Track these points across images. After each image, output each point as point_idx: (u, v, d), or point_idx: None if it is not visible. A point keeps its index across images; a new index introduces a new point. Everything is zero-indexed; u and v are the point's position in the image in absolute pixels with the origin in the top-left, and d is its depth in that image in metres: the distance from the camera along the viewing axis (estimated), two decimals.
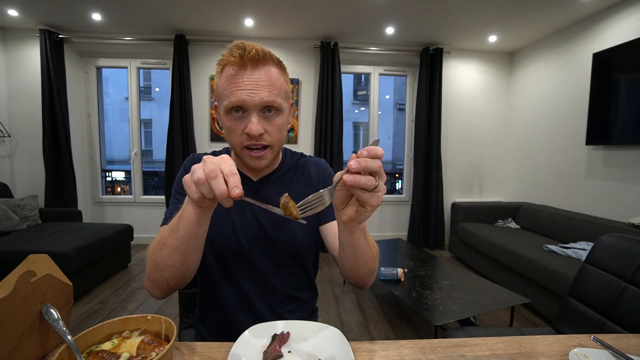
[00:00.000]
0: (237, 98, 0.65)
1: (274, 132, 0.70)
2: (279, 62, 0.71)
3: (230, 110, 0.67)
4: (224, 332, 0.79)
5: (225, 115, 0.69)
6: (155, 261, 0.64)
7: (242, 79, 0.65)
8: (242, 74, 0.65)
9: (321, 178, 0.85)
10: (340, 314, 2.22)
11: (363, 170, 0.45)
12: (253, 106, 0.66)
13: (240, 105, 0.66)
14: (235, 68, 0.66)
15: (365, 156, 0.45)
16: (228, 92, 0.66)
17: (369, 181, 0.45)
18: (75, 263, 2.22)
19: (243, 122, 0.68)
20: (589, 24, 2.83)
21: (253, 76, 0.65)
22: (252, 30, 3.32)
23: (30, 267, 0.49)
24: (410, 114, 3.97)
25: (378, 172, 0.46)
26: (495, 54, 3.81)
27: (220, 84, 0.69)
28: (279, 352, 0.53)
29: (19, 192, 3.31)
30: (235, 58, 0.65)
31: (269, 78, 0.67)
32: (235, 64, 0.65)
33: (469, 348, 0.58)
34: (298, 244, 0.79)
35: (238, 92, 0.65)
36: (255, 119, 0.66)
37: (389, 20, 3.10)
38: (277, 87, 0.68)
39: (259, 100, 0.65)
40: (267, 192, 0.79)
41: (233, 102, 0.65)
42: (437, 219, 3.70)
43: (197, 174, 0.48)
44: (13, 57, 3.31)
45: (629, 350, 0.58)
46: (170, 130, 3.46)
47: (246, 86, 0.65)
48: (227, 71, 0.67)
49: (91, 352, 0.49)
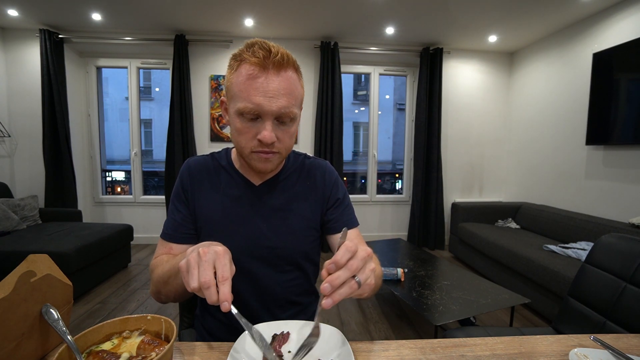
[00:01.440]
0: (255, 104, 0.62)
1: (286, 140, 0.68)
2: (298, 67, 0.68)
3: (242, 113, 0.64)
4: (224, 332, 0.78)
5: (236, 116, 0.65)
6: (157, 286, 0.67)
7: (263, 84, 0.62)
8: (264, 77, 0.62)
9: (327, 186, 0.82)
10: (340, 314, 2.22)
11: (337, 289, 0.45)
12: (269, 113, 0.63)
13: (257, 112, 0.63)
14: (255, 69, 0.62)
15: (333, 270, 0.46)
16: (245, 94, 0.62)
17: (350, 289, 0.46)
18: (75, 263, 2.22)
19: (255, 127, 0.65)
20: (589, 24, 2.83)
21: (274, 82, 0.62)
22: (252, 30, 3.32)
23: (30, 267, 0.49)
24: (410, 114, 3.97)
25: (354, 273, 0.46)
26: (495, 54, 3.81)
27: (235, 81, 0.64)
28: (279, 352, 0.53)
29: (19, 192, 3.31)
30: (258, 59, 0.61)
31: (288, 85, 0.64)
32: (256, 65, 0.62)
33: (469, 348, 0.58)
34: (300, 250, 0.78)
35: (257, 97, 0.62)
36: (269, 126, 0.64)
37: (389, 20, 3.10)
38: (295, 95, 0.65)
39: (276, 109, 0.63)
40: (269, 198, 0.77)
41: (249, 107, 0.62)
42: (437, 219, 3.70)
43: (192, 284, 0.47)
44: (13, 57, 3.31)
45: (629, 350, 0.58)
46: (170, 130, 3.46)
47: (266, 92, 0.62)
48: (246, 70, 0.62)
49: (91, 352, 0.49)
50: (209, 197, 0.77)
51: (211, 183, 0.78)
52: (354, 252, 0.47)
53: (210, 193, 0.77)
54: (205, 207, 0.76)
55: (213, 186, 0.77)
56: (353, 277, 0.47)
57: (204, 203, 0.76)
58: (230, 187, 0.77)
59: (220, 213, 0.75)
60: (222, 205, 0.76)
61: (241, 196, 0.77)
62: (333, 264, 0.46)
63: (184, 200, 0.77)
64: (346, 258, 0.46)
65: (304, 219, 0.78)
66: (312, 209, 0.80)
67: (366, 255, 0.48)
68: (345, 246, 0.47)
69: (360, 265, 0.47)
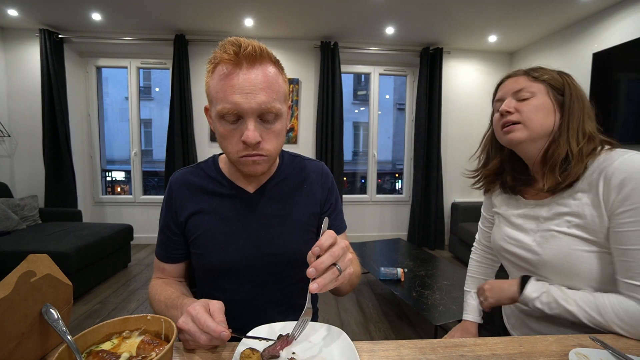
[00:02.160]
0: (232, 103, 0.59)
1: (272, 139, 0.65)
2: (276, 61, 0.65)
3: (223, 116, 0.61)
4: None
5: (218, 121, 0.63)
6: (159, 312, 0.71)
7: (237, 80, 0.59)
8: (237, 73, 0.59)
9: (324, 190, 0.81)
10: (340, 314, 2.22)
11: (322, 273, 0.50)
12: (249, 111, 0.60)
13: (236, 111, 0.60)
14: (229, 67, 0.60)
15: (318, 253, 0.51)
16: (221, 95, 0.60)
17: (332, 275, 0.51)
18: (75, 263, 2.22)
19: (238, 129, 0.62)
20: (589, 24, 2.83)
21: (249, 76, 0.59)
22: (252, 30, 3.32)
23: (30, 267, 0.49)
24: (410, 114, 3.97)
25: (335, 260, 0.51)
26: (495, 54, 3.81)
27: (212, 85, 0.62)
28: (277, 353, 0.53)
29: (19, 192, 3.31)
30: (229, 55, 0.59)
31: (266, 78, 0.61)
32: (229, 62, 0.59)
33: (468, 348, 0.58)
34: (300, 254, 0.75)
35: (233, 96, 0.59)
36: (252, 125, 0.61)
37: (389, 20, 3.10)
38: (274, 89, 0.62)
39: (255, 105, 0.60)
40: (266, 205, 0.75)
41: (227, 108, 0.60)
42: (437, 219, 3.70)
43: (202, 343, 0.51)
44: (13, 57, 3.31)
45: (628, 350, 0.58)
46: (170, 130, 3.47)
47: (242, 89, 0.59)
48: (220, 70, 0.61)
49: (91, 352, 0.49)
50: (200, 212, 0.74)
51: (200, 197, 0.74)
52: (335, 239, 0.53)
53: (200, 207, 0.74)
54: (198, 223, 0.73)
55: (203, 200, 0.74)
56: (334, 264, 0.51)
57: (195, 219, 0.73)
58: (222, 199, 0.74)
59: (215, 226, 0.73)
60: (216, 218, 0.73)
61: (236, 206, 0.74)
62: (318, 247, 0.51)
63: (171, 219, 0.75)
64: (329, 242, 0.51)
65: (302, 223, 0.77)
66: (310, 213, 0.78)
67: (345, 246, 0.53)
68: (327, 233, 0.53)
69: (341, 253, 0.52)
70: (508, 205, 0.86)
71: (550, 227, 0.73)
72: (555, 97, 0.75)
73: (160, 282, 0.76)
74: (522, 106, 0.75)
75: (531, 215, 0.78)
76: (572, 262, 0.69)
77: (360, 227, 3.96)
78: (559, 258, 0.70)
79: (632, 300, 0.62)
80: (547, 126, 0.74)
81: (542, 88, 0.75)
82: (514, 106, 0.76)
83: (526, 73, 0.78)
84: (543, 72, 0.77)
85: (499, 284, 0.82)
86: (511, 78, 0.80)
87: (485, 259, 1.03)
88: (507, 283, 0.79)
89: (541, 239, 0.74)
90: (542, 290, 0.71)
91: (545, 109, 0.74)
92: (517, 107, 0.76)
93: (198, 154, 3.58)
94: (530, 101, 0.75)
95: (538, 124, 0.74)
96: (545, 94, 0.75)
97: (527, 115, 0.74)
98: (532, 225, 0.77)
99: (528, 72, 0.78)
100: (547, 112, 0.74)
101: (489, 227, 0.98)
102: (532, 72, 0.77)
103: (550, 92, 0.75)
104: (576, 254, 0.68)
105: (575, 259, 0.68)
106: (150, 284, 0.78)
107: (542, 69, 0.78)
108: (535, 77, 0.76)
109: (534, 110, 0.74)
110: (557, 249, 0.70)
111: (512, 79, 0.79)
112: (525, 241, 0.77)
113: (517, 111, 0.76)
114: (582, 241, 0.68)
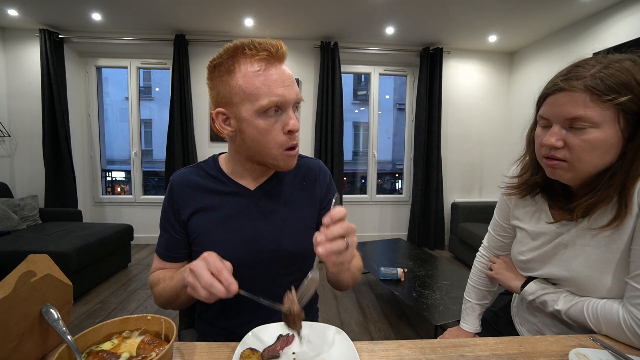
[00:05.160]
0: (279, 95, 0.63)
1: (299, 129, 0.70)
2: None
3: (266, 111, 0.63)
4: (224, 332, 0.78)
5: (258, 117, 0.64)
6: (165, 299, 0.71)
7: (277, 74, 0.63)
8: (273, 69, 0.63)
9: (322, 187, 0.83)
10: (340, 314, 2.22)
11: (332, 239, 0.51)
12: (291, 101, 0.65)
13: (281, 103, 0.63)
14: (262, 64, 0.63)
15: (328, 224, 0.52)
16: (265, 90, 0.62)
17: (340, 245, 0.52)
18: (75, 263, 2.22)
19: (279, 121, 0.66)
20: (589, 24, 2.83)
21: (284, 71, 0.65)
22: (252, 30, 3.32)
23: (30, 267, 0.49)
24: (410, 114, 3.97)
25: (344, 233, 0.52)
26: (495, 54, 3.81)
27: (246, 82, 0.62)
28: (277, 353, 0.53)
29: (19, 192, 3.31)
30: (268, 52, 0.62)
31: (290, 73, 0.67)
32: (264, 60, 0.63)
33: (468, 348, 0.58)
34: (301, 251, 0.77)
35: (278, 89, 0.63)
36: (293, 114, 0.66)
37: (389, 20, 3.10)
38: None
39: (295, 96, 0.65)
40: (266, 202, 0.76)
41: (274, 101, 0.62)
42: (437, 219, 3.70)
43: (202, 294, 0.52)
44: (13, 57, 3.31)
45: (628, 351, 0.58)
46: (170, 130, 3.46)
47: (283, 81, 0.64)
48: (252, 67, 0.62)
49: (91, 352, 0.49)
50: (201, 210, 0.75)
51: (202, 195, 0.75)
52: (345, 214, 0.54)
53: (202, 206, 0.75)
54: (199, 221, 0.74)
55: (204, 198, 0.75)
56: (343, 237, 0.52)
57: (197, 217, 0.74)
58: (223, 196, 0.75)
59: (216, 223, 0.74)
60: (218, 215, 0.74)
61: (237, 203, 0.75)
62: (329, 217, 0.52)
63: (174, 219, 0.76)
64: (339, 216, 0.52)
65: (303, 219, 0.78)
66: (310, 209, 0.80)
67: (354, 227, 0.55)
68: (338, 207, 0.54)
69: (349, 230, 0.53)
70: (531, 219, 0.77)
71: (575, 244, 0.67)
72: (626, 125, 0.53)
73: (164, 271, 0.77)
74: (574, 140, 0.56)
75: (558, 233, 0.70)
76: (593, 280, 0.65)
77: (360, 227, 3.95)
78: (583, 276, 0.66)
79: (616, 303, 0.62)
80: (601, 165, 0.57)
81: (610, 116, 0.53)
82: (562, 138, 0.57)
83: (590, 90, 0.53)
84: (621, 87, 0.51)
85: (508, 272, 0.84)
86: (566, 93, 0.56)
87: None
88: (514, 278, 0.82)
89: (566, 260, 0.69)
90: (537, 294, 0.74)
91: (606, 146, 0.55)
92: (568, 141, 0.57)
93: (198, 154, 3.58)
94: (586, 135, 0.55)
95: (591, 165, 0.57)
96: (613, 123, 0.53)
97: (579, 155, 0.56)
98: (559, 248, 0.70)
99: (594, 89, 0.53)
100: (607, 149, 0.55)
101: (504, 236, 0.88)
102: (602, 87, 0.52)
103: (622, 119, 0.53)
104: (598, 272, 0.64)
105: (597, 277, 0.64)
106: (150, 276, 0.78)
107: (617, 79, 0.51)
108: (606, 100, 0.52)
109: (589, 150, 0.55)
110: (580, 269, 0.66)
111: (566, 95, 0.56)
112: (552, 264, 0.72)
113: (566, 146, 0.57)
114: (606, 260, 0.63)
